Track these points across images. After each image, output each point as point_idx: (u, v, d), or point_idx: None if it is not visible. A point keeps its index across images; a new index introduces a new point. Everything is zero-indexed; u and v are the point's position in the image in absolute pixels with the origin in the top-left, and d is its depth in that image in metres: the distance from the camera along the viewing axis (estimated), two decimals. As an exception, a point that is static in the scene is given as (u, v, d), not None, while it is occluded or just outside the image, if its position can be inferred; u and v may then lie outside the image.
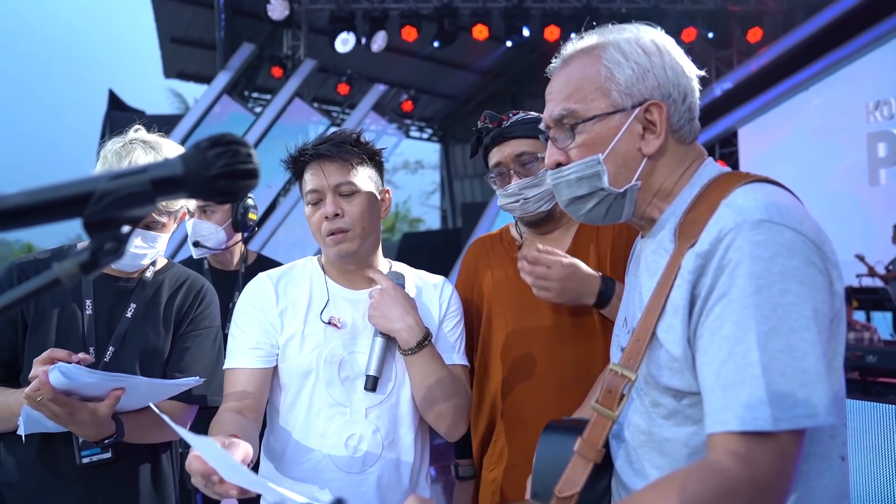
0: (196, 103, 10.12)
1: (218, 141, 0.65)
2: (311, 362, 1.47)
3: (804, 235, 0.92)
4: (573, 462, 1.04)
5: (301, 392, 1.48)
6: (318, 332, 1.49)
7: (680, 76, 1.08)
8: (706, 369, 0.92)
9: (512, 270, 1.79)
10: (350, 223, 1.46)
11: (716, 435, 0.88)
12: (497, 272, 1.82)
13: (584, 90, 1.07)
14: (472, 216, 11.72)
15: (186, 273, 1.75)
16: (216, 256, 2.65)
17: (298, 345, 1.48)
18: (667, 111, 1.06)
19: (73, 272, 0.60)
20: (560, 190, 1.11)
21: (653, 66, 1.06)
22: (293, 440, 1.48)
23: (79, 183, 0.61)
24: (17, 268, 1.57)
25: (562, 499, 1.02)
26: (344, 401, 1.47)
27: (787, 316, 0.87)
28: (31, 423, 1.39)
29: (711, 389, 0.91)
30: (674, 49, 1.10)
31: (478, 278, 1.85)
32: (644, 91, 1.06)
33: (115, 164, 1.52)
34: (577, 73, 1.09)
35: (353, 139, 1.50)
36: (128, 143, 1.57)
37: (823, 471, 0.96)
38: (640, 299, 1.08)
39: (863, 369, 4.50)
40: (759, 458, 0.84)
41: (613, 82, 1.05)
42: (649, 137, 1.06)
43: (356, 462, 1.45)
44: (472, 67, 12.58)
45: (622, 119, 1.05)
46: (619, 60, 1.06)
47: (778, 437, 0.85)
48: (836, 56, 8.23)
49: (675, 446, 1.00)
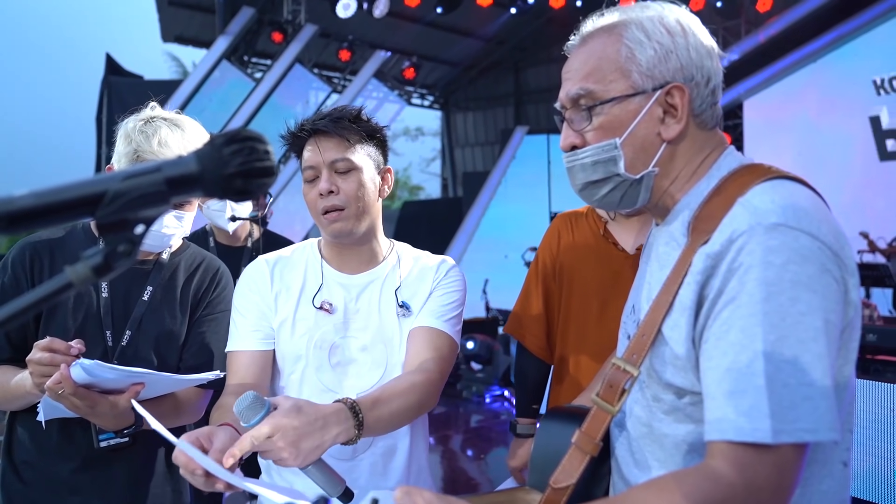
0: (195, 68, 9.98)
1: (234, 138, 0.63)
2: (302, 347, 1.45)
3: (821, 241, 0.88)
4: (570, 454, 1.03)
5: (291, 377, 1.47)
6: (308, 316, 1.47)
7: (704, 58, 1.02)
8: (710, 374, 0.90)
9: (595, 244, 1.86)
10: (345, 200, 1.42)
11: (714, 443, 0.87)
12: (580, 245, 1.88)
13: (602, 70, 1.02)
14: (474, 185, 11.67)
15: (202, 255, 1.73)
16: (224, 233, 2.63)
17: (290, 329, 1.47)
18: (689, 95, 1.01)
19: (86, 276, 0.58)
20: (574, 174, 1.07)
21: (676, 47, 1.01)
22: None
23: (90, 183, 0.58)
24: (30, 247, 1.55)
25: (556, 489, 1.01)
26: (334, 386, 1.45)
27: (795, 326, 0.84)
28: (51, 410, 1.40)
29: (713, 396, 0.89)
30: (699, 29, 1.04)
31: (560, 248, 1.92)
32: (666, 73, 1.01)
33: (142, 142, 1.49)
34: (597, 53, 1.03)
35: (352, 115, 1.46)
36: (149, 120, 1.53)
37: (824, 476, 0.94)
38: (649, 291, 1.06)
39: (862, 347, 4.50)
40: (756, 469, 0.83)
41: (634, 63, 1.00)
42: (669, 122, 1.02)
43: (347, 449, 1.43)
44: (476, 34, 12.38)
45: (642, 102, 1.01)
46: (640, 40, 1.01)
47: (778, 450, 0.83)
48: (846, 28, 8.08)
49: (674, 442, 0.99)
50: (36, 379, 1.32)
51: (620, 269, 1.79)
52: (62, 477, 1.53)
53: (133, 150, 1.49)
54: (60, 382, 1.27)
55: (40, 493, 1.54)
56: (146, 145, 1.48)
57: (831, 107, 8.20)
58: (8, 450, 1.58)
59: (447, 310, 1.50)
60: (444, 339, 1.47)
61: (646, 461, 1.03)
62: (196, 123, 1.61)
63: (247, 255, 2.61)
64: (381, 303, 1.50)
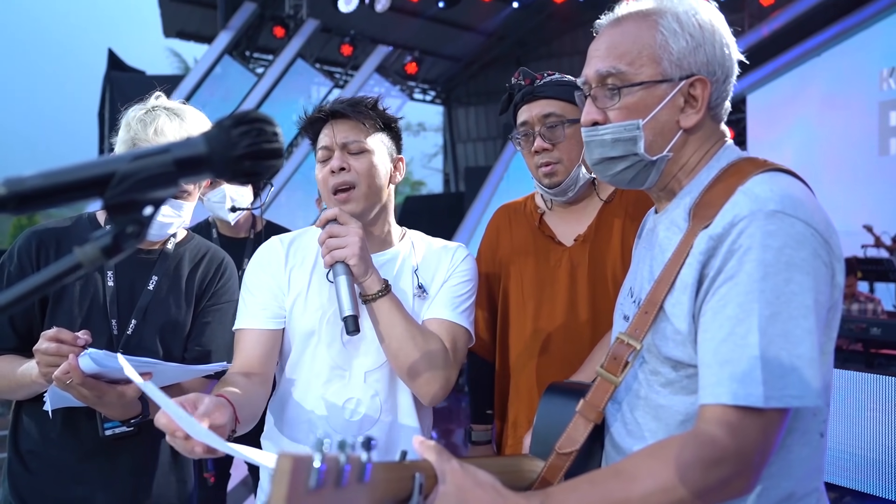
0: (197, 64, 9.97)
1: (242, 119, 0.63)
2: (315, 322, 1.46)
3: (814, 228, 0.96)
4: (574, 421, 1.09)
5: (304, 352, 1.47)
6: (322, 292, 1.47)
7: (726, 57, 1.09)
8: (706, 345, 0.97)
9: (532, 239, 1.78)
10: (355, 178, 1.43)
11: (708, 406, 0.94)
12: (517, 240, 1.81)
13: (635, 53, 1.07)
14: (476, 180, 11.63)
15: (206, 246, 1.74)
16: (226, 224, 2.63)
17: (303, 304, 1.47)
18: (710, 88, 1.08)
19: (95, 256, 0.58)
20: (592, 148, 1.12)
21: (705, 42, 1.07)
22: (293, 401, 1.48)
23: (99, 164, 0.58)
24: (36, 236, 1.56)
25: (561, 454, 1.08)
26: (343, 363, 1.46)
27: (788, 303, 0.92)
28: (58, 399, 1.40)
29: (709, 364, 0.96)
30: (725, 29, 1.11)
31: (499, 246, 1.85)
32: (693, 65, 1.07)
33: (139, 130, 1.50)
34: (631, 35, 1.08)
35: (370, 103, 1.49)
36: (150, 109, 1.55)
37: (803, 445, 1.02)
38: (651, 272, 1.11)
39: (866, 341, 4.51)
40: (747, 431, 0.91)
41: (667, 51, 1.06)
42: (689, 111, 1.08)
43: (353, 425, 1.44)
44: (478, 29, 12.35)
45: (668, 89, 1.06)
46: (675, 30, 1.06)
47: (766, 413, 0.91)
48: (850, 22, 8.04)
49: (670, 413, 1.05)
50: (43, 369, 1.33)
51: (558, 263, 1.73)
52: (67, 466, 1.54)
53: (131, 138, 1.51)
54: (69, 373, 1.27)
55: (46, 482, 1.54)
56: (143, 133, 1.50)
57: (834, 101, 8.16)
58: (14, 439, 1.58)
59: (461, 300, 1.52)
60: (459, 331, 1.50)
61: (640, 432, 1.09)
62: (199, 113, 1.61)
63: (249, 247, 2.61)
64: (400, 281, 1.51)
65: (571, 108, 1.61)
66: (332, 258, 1.35)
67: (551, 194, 1.71)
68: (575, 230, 1.75)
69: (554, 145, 1.64)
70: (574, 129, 1.60)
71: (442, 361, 1.42)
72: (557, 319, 1.70)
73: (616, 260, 1.67)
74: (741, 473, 0.91)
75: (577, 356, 1.62)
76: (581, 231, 1.73)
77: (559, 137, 1.64)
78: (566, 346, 1.67)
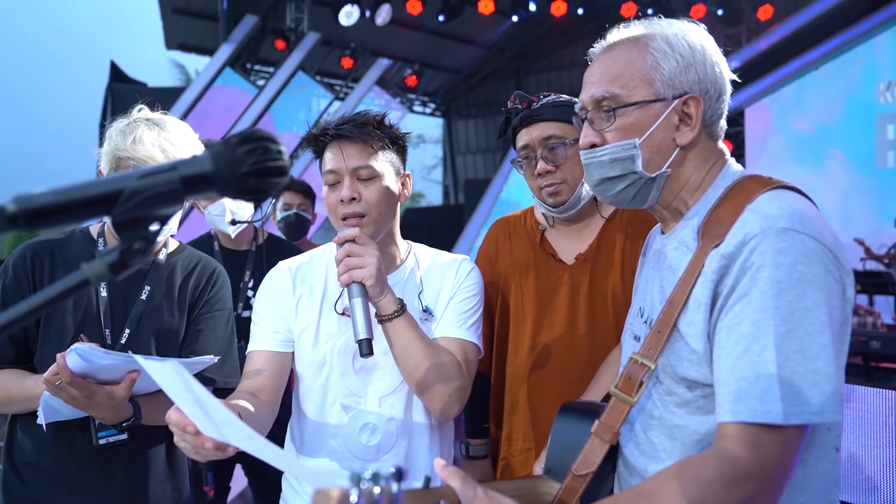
0: (198, 76, 10.02)
1: (248, 137, 0.64)
2: (326, 354, 1.47)
3: (823, 244, 0.97)
4: (590, 443, 1.10)
5: (315, 382, 1.48)
6: (332, 323, 1.49)
7: (718, 76, 1.12)
8: (722, 363, 0.98)
9: (532, 255, 1.78)
10: (366, 208, 1.43)
11: (727, 424, 0.94)
12: (517, 254, 1.81)
13: (628, 76, 1.10)
14: (475, 192, 11.66)
15: (198, 255, 1.75)
16: (228, 237, 2.64)
17: (313, 337, 1.49)
18: (703, 106, 1.10)
19: (102, 272, 0.59)
20: (591, 170, 1.14)
21: (695, 61, 1.10)
22: (309, 429, 1.50)
23: (107, 182, 0.59)
24: (31, 249, 1.58)
25: (577, 476, 1.08)
26: (358, 391, 1.47)
27: (803, 319, 0.93)
28: (50, 412, 1.41)
29: (726, 381, 0.96)
30: (714, 50, 1.14)
31: (498, 258, 1.84)
32: (685, 84, 1.10)
33: (119, 142, 1.52)
34: (623, 59, 1.12)
35: (376, 121, 1.46)
36: (132, 121, 1.57)
37: (819, 459, 1.03)
38: (662, 293, 1.12)
39: (866, 354, 4.50)
40: (767, 449, 0.91)
41: (658, 72, 1.09)
42: (684, 129, 1.11)
43: (371, 450, 1.46)
44: (477, 42, 12.42)
45: (662, 108, 1.09)
46: (665, 51, 1.10)
47: (785, 430, 0.91)
48: (847, 35, 8.10)
49: (686, 433, 1.06)
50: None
51: (559, 281, 1.72)
52: (62, 477, 1.54)
53: (112, 150, 1.53)
54: (58, 374, 1.29)
55: (41, 492, 1.54)
56: (122, 143, 1.51)
57: (832, 114, 8.21)
58: (9, 452, 1.59)
59: (468, 315, 1.52)
60: (468, 346, 1.50)
61: (655, 452, 1.09)
62: (181, 123, 1.62)
63: (251, 259, 2.62)
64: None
65: (571, 129, 1.61)
66: (349, 277, 1.33)
67: (554, 213, 1.72)
68: (576, 248, 1.74)
69: (557, 167, 1.65)
70: (575, 149, 1.61)
71: (456, 375, 1.43)
72: (556, 336, 1.70)
73: (616, 279, 1.68)
74: (764, 490, 0.91)
75: (575, 373, 1.63)
76: (582, 249, 1.73)
77: (561, 158, 1.64)
78: (564, 362, 1.68)
